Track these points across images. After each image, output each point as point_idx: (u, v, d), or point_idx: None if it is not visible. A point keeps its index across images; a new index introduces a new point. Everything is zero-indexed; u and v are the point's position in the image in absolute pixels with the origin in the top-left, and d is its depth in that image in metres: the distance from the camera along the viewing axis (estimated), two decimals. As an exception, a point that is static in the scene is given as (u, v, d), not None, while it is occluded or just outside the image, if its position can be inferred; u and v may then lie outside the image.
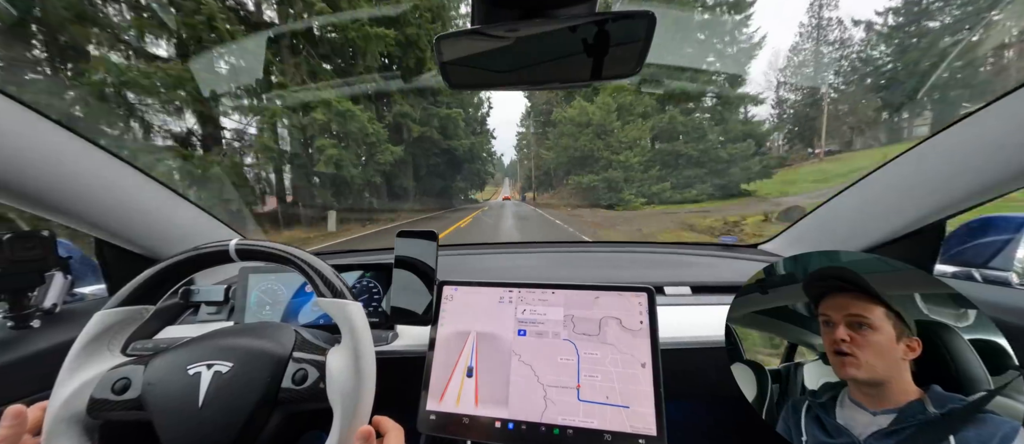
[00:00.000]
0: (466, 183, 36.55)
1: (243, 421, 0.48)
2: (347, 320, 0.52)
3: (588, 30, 0.47)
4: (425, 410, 0.65)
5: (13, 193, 0.68)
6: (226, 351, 0.51)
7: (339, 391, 0.48)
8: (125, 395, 0.49)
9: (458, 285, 0.75)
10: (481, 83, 0.58)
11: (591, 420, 0.60)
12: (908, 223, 0.83)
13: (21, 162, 0.66)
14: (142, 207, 0.89)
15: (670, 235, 11.85)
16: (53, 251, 0.79)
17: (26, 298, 0.74)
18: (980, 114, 0.68)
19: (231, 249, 0.55)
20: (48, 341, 0.73)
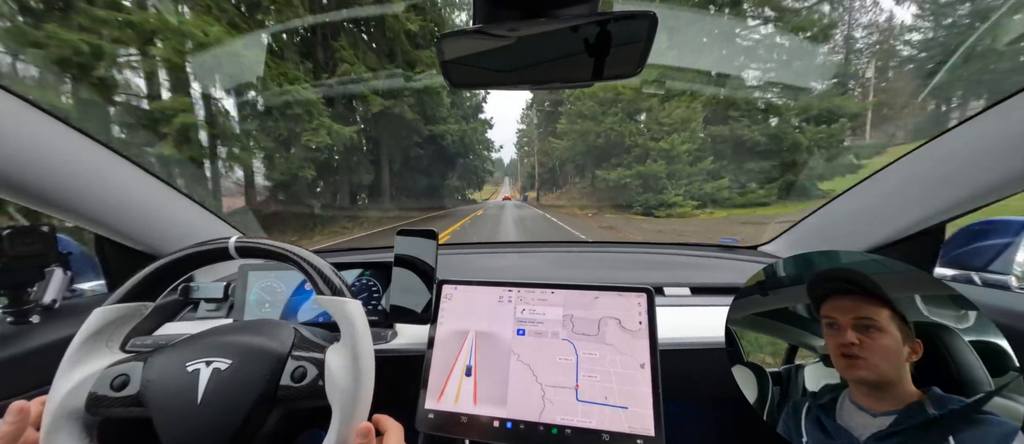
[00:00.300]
0: (462, 181, 32.27)
1: (242, 418, 0.48)
2: (346, 318, 0.52)
3: (590, 30, 0.47)
4: (424, 409, 0.65)
5: (13, 188, 0.68)
6: (225, 348, 0.51)
7: (338, 389, 0.48)
8: (124, 392, 0.49)
9: (457, 284, 0.75)
10: (482, 82, 0.58)
11: (589, 420, 0.60)
12: (909, 225, 0.83)
13: (21, 157, 0.66)
14: (142, 204, 0.89)
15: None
16: (53, 247, 0.79)
17: (26, 293, 0.74)
18: (983, 116, 0.68)
19: (231, 246, 0.55)
20: (47, 337, 0.73)
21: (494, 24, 0.47)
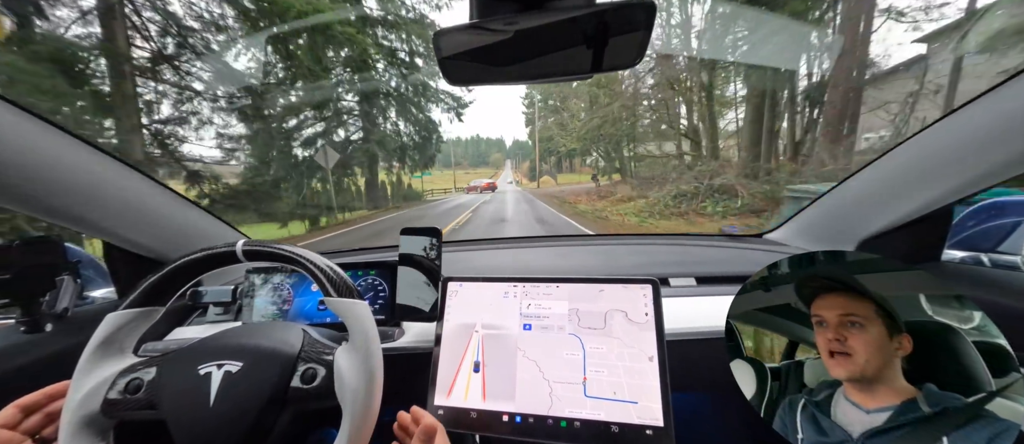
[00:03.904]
0: (389, 161, 15.94)
1: (253, 419, 0.48)
2: (354, 319, 0.52)
3: (588, 21, 0.47)
4: (433, 405, 0.66)
5: (21, 199, 0.69)
6: (236, 351, 0.52)
7: (348, 389, 0.48)
8: (138, 395, 0.50)
9: (463, 281, 0.75)
10: (480, 77, 0.58)
11: (598, 412, 0.60)
12: (916, 209, 0.82)
13: (28, 169, 0.67)
14: (149, 211, 0.90)
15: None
16: (63, 256, 0.80)
17: (38, 303, 0.75)
18: (988, 96, 0.66)
19: (238, 250, 0.56)
20: (61, 344, 0.74)
21: (491, 18, 0.47)
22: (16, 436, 0.47)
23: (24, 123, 0.66)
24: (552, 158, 45.68)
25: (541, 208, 13.68)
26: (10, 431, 0.47)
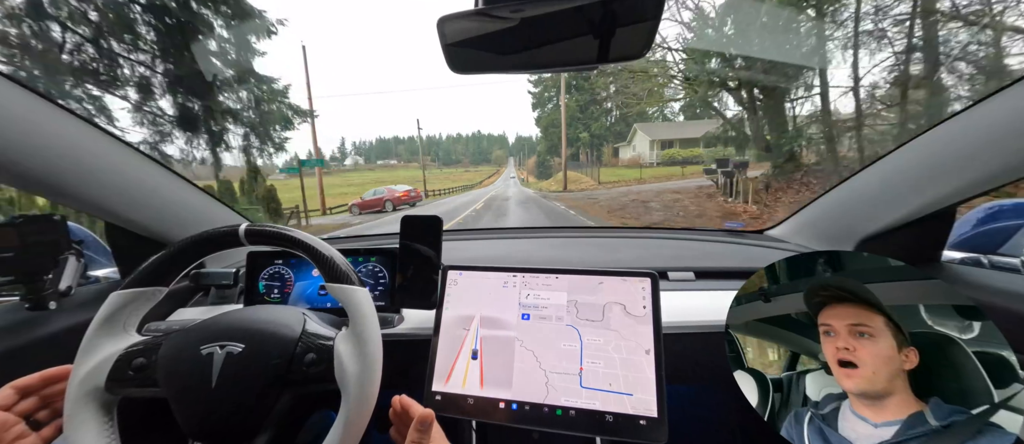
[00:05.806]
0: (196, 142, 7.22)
1: (254, 400, 0.49)
2: (354, 305, 0.52)
3: (595, 10, 0.46)
4: (431, 391, 0.67)
5: (26, 179, 0.69)
6: (238, 332, 0.53)
7: (347, 374, 0.49)
8: (142, 372, 0.51)
9: (463, 270, 0.75)
10: (485, 66, 0.57)
11: (594, 402, 0.61)
12: (916, 210, 0.82)
13: (32, 149, 0.67)
14: (153, 193, 0.90)
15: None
16: (65, 235, 0.80)
17: (41, 281, 0.76)
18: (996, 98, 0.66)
19: (241, 232, 0.56)
20: (65, 321, 0.75)
21: (497, 5, 0.46)
22: (10, 417, 0.47)
23: (25, 100, 0.66)
24: (578, 145, 33.04)
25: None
26: (5, 412, 0.47)
